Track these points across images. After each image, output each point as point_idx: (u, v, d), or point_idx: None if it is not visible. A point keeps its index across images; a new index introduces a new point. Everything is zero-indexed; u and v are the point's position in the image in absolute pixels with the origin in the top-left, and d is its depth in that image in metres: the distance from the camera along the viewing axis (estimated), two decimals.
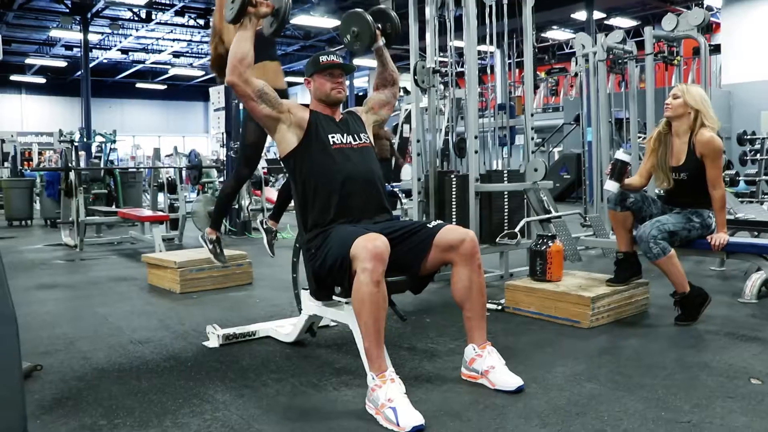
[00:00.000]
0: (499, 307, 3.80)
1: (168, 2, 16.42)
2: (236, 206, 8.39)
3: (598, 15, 17.50)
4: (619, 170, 3.54)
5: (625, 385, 2.51)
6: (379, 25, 2.97)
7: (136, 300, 4.40)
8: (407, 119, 10.16)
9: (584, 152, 7.13)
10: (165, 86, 28.85)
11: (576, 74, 7.18)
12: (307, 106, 2.87)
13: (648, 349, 3.00)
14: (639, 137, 6.44)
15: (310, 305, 2.91)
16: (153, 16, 17.26)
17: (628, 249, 3.60)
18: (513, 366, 2.60)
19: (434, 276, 2.71)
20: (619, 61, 6.38)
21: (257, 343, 3.21)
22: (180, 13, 16.56)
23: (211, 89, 9.04)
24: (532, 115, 4.76)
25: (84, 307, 4.16)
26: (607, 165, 5.76)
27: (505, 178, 4.54)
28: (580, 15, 17.07)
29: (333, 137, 2.71)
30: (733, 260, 4.86)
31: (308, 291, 2.85)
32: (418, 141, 4.85)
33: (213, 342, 3.19)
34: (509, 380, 2.46)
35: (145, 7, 16.50)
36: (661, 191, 3.67)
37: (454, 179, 4.67)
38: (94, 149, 15.25)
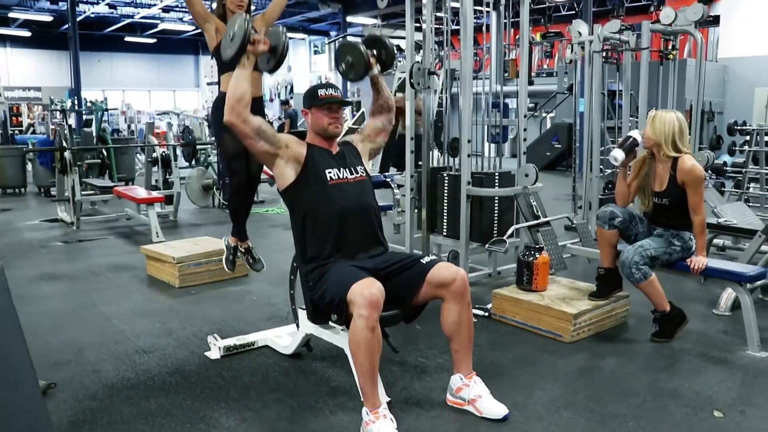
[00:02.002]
0: (486, 314, 3.99)
1: None
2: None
3: None
4: (630, 145, 3.71)
5: (599, 414, 2.71)
6: (374, 52, 3.07)
7: (137, 295, 4.56)
8: (400, 88, 10.19)
9: (576, 122, 7.23)
10: (155, 40, 28.37)
11: (571, 61, 7.23)
12: (302, 135, 2.98)
13: (623, 371, 3.20)
14: (630, 120, 6.58)
15: (308, 325, 3.08)
16: None
17: (611, 265, 3.77)
18: (497, 387, 2.82)
19: (425, 307, 2.86)
20: (615, 50, 6.43)
21: (256, 354, 3.39)
22: None
23: (204, 62, 9.02)
24: (525, 116, 4.86)
25: (88, 305, 4.31)
26: (598, 136, 5.94)
27: (497, 182, 4.66)
28: None
29: (330, 172, 2.82)
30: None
31: (306, 312, 3.01)
32: (412, 138, 4.94)
33: (214, 353, 3.36)
34: (496, 409, 2.65)
35: None
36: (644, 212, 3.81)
37: (447, 178, 4.80)
38: (84, 115, 15.11)
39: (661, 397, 2.88)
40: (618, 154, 3.71)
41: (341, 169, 2.86)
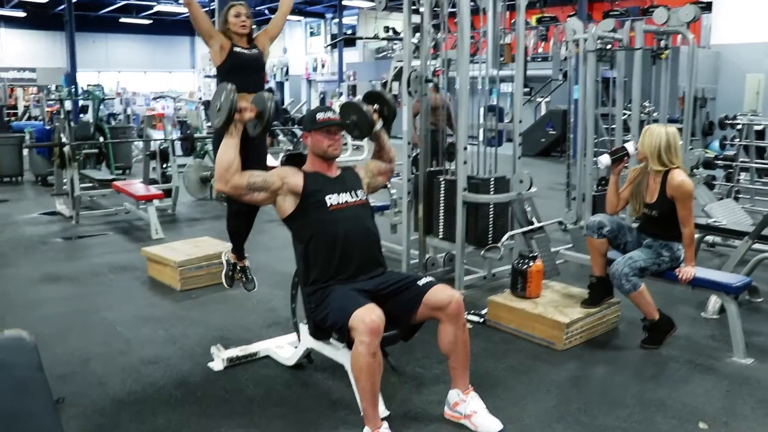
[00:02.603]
0: (482, 320, 4.10)
1: None
2: None
3: None
4: (620, 155, 3.84)
5: (589, 427, 2.84)
6: (376, 107, 3.15)
7: (140, 300, 4.65)
8: (397, 76, 10.22)
9: (570, 109, 7.28)
10: (150, 21, 28.20)
11: (566, 58, 7.30)
12: (302, 158, 3.06)
13: (613, 381, 3.32)
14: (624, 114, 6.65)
15: (309, 339, 3.18)
16: None
17: (602, 274, 3.88)
18: (492, 399, 2.96)
19: (422, 325, 2.96)
20: (609, 50, 6.49)
21: (259, 365, 3.49)
22: None
23: (202, 55, 9.05)
24: (520, 121, 4.91)
25: (90, 310, 4.40)
26: (592, 125, 6.03)
27: (492, 187, 4.74)
28: None
29: (330, 198, 2.90)
30: (705, 255, 5.25)
31: (307, 328, 3.11)
32: (409, 143, 5.01)
33: (218, 364, 3.46)
34: (490, 425, 2.77)
35: None
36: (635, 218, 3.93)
37: (443, 183, 4.88)
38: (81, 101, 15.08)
39: (649, 408, 3.00)
40: (605, 159, 3.86)
41: (341, 193, 2.94)
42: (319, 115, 2.93)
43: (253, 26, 3.82)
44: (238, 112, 2.82)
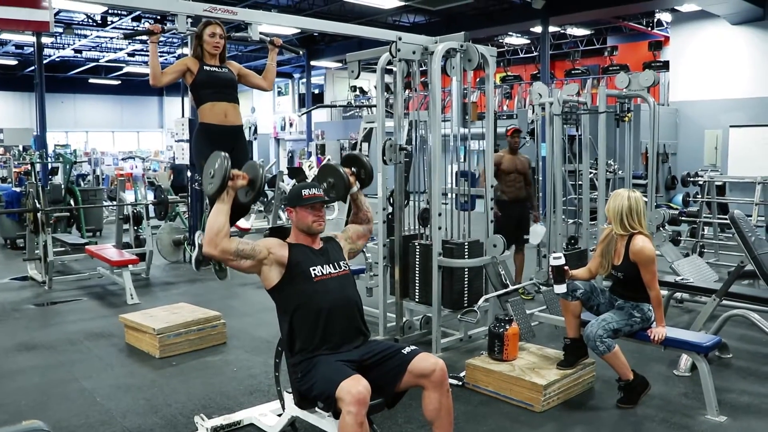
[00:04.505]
0: (460, 383, 4.16)
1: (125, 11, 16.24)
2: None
3: (553, 28, 18.00)
4: (558, 273, 3.94)
5: None
6: (353, 170, 3.29)
7: (118, 368, 4.62)
8: (366, 137, 10.43)
9: (538, 166, 7.51)
10: (119, 81, 28.36)
11: (532, 121, 7.58)
12: (282, 232, 3.15)
13: None
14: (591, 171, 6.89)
15: (294, 408, 3.21)
16: (109, 21, 17.04)
17: (576, 335, 4.00)
18: None
19: (406, 393, 3.02)
20: (574, 113, 6.78)
21: None
22: (137, 18, 16.41)
23: (175, 120, 9.18)
24: (492, 186, 5.08)
25: (69, 380, 4.36)
26: (560, 181, 6.23)
27: (466, 251, 4.86)
28: (538, 29, 17.51)
29: (314, 269, 2.99)
30: (674, 312, 5.40)
31: (292, 397, 3.14)
32: (384, 209, 5.14)
33: None
34: None
35: (101, 12, 16.33)
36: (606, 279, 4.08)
37: (418, 248, 5.00)
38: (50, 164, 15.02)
39: None
40: (559, 289, 3.94)
41: (325, 265, 3.03)
42: (305, 192, 3.04)
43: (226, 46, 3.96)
44: (231, 179, 2.92)
